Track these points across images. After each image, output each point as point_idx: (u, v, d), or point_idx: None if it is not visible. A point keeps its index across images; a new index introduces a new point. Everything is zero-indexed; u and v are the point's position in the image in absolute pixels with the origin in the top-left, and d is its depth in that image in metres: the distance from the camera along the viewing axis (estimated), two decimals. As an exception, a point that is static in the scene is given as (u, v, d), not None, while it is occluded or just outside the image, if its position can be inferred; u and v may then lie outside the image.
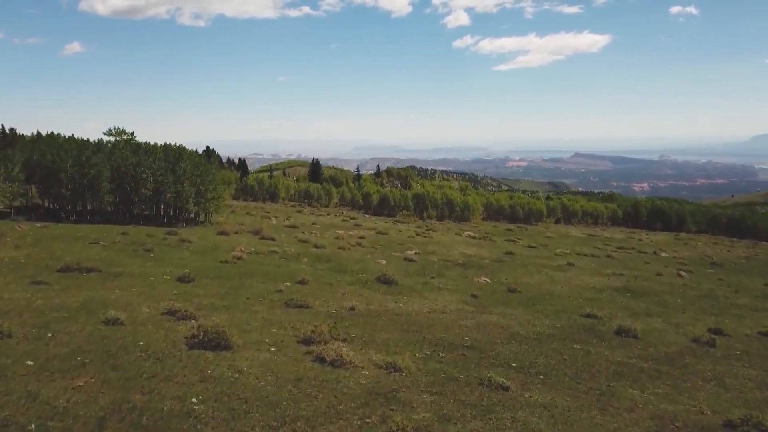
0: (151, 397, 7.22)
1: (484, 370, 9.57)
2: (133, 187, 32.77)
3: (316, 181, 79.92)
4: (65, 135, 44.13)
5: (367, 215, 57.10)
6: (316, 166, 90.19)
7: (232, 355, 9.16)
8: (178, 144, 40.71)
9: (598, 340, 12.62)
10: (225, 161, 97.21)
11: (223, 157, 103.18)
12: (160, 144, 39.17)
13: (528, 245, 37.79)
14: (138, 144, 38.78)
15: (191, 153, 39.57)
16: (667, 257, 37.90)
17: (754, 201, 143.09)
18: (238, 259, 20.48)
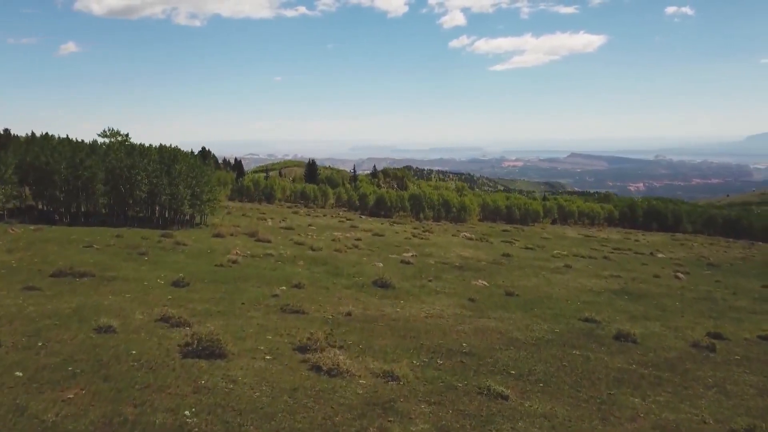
0: (143, 409, 7.04)
1: (483, 377, 9.43)
2: (127, 189, 32.52)
3: (312, 181, 79.67)
4: (60, 136, 43.81)
5: (363, 216, 56.93)
6: (312, 166, 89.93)
7: (227, 364, 8.99)
8: (173, 145, 40.47)
9: (597, 345, 12.50)
10: (221, 162, 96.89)
11: (219, 157, 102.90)
12: (155, 145, 38.93)
13: (525, 246, 37.69)
14: (132, 145, 38.50)
15: (186, 154, 39.33)
16: (664, 258, 37.86)
17: (750, 201, 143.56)
18: (234, 263, 20.28)
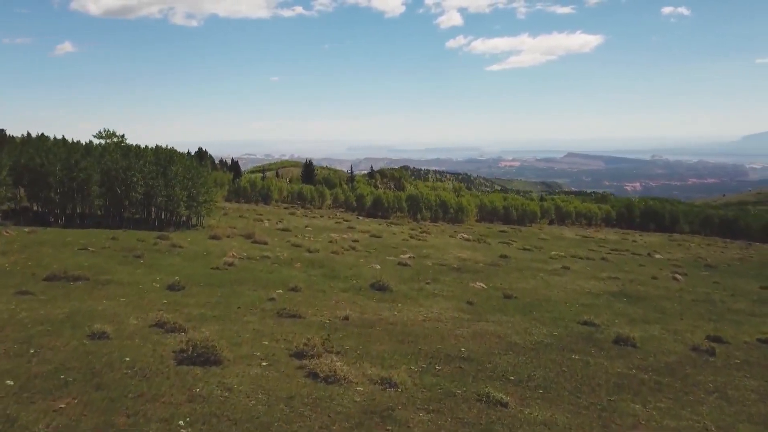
0: (136, 419, 6.91)
1: (482, 384, 9.32)
2: (123, 191, 32.30)
3: (309, 182, 79.49)
4: (56, 136, 43.66)
5: (360, 217, 56.78)
6: (309, 167, 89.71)
7: (222, 371, 8.86)
8: (169, 146, 40.25)
9: (596, 349, 12.40)
10: (218, 162, 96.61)
11: (215, 157, 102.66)
12: (151, 147, 38.69)
13: (522, 247, 37.61)
14: (128, 147, 38.27)
15: (182, 155, 39.08)
16: (662, 259, 37.83)
17: (746, 200, 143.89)
18: (230, 265, 20.13)
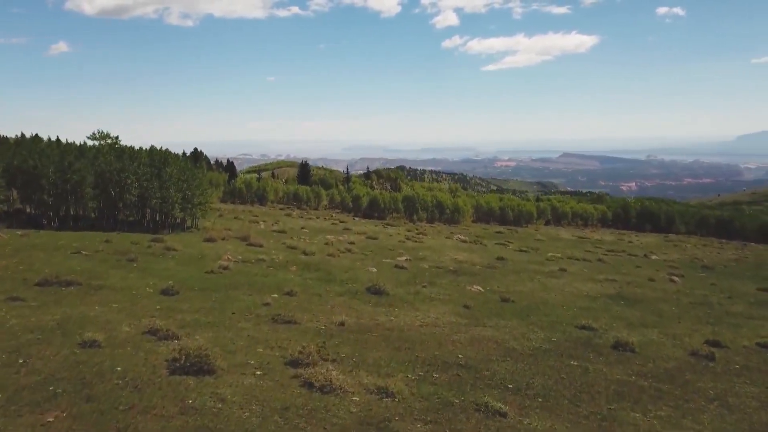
0: (127, 434, 6.74)
1: (480, 392, 9.18)
2: (117, 193, 32.01)
3: (305, 183, 79.25)
4: (50, 137, 43.36)
5: (356, 218, 56.60)
6: (305, 167, 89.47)
7: (216, 381, 8.69)
8: (164, 147, 39.95)
9: (595, 355, 12.28)
10: (213, 162, 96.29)
11: (211, 158, 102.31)
12: (146, 148, 38.38)
13: (519, 249, 37.51)
14: (122, 148, 37.95)
15: (177, 157, 38.79)
16: (658, 260, 37.81)
17: (741, 200, 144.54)
18: (225, 269, 19.91)
